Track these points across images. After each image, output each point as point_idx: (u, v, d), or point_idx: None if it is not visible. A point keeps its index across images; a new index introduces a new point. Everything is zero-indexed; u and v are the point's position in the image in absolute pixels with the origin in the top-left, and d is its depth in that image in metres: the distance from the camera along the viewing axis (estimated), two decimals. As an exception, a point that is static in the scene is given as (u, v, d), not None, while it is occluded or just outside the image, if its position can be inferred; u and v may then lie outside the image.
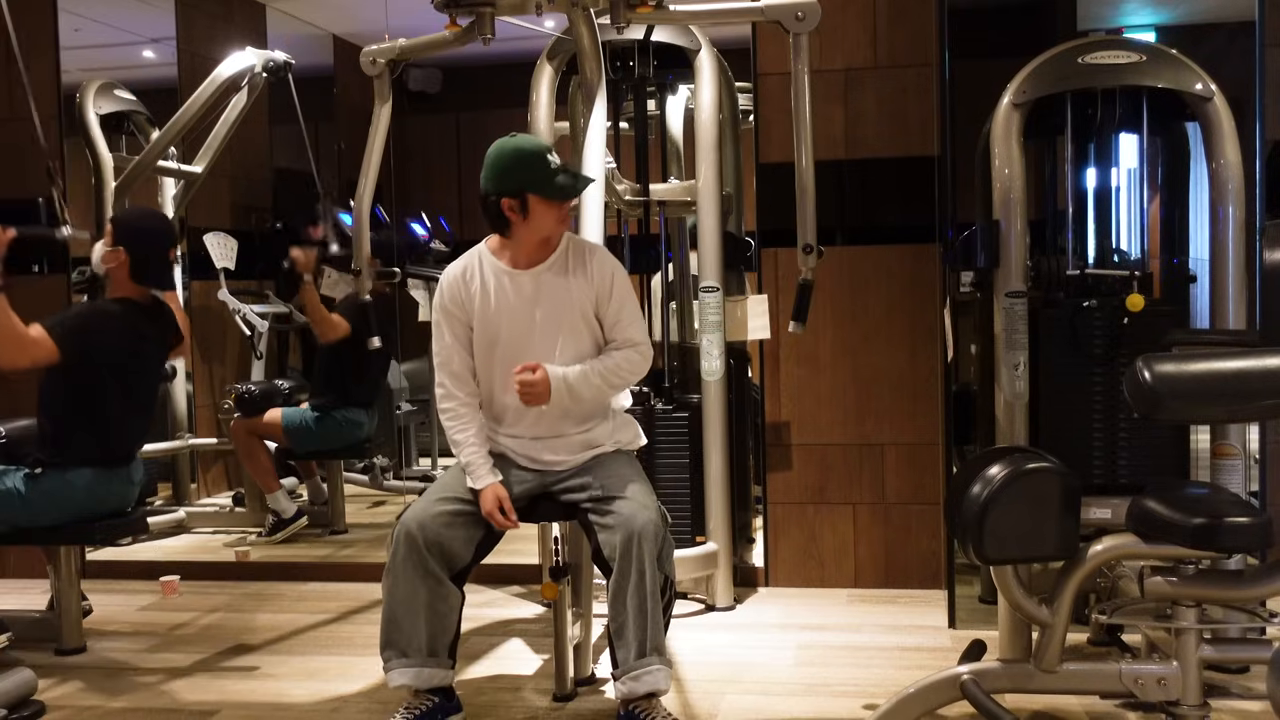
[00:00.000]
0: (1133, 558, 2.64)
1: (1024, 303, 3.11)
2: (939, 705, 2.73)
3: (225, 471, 5.73)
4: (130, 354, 3.55)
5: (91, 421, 3.49)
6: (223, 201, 5.62)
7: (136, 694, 3.34)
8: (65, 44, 4.72)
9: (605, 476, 2.93)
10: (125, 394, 3.55)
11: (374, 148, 3.87)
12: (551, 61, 3.90)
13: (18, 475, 3.46)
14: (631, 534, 2.76)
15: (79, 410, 3.49)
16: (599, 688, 3.23)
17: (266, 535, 5.03)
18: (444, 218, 6.88)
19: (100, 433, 3.51)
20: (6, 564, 4.76)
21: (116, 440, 3.56)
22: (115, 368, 3.51)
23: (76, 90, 4.97)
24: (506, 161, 2.91)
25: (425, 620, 2.85)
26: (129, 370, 3.56)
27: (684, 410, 3.98)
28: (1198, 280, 3.40)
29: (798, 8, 3.37)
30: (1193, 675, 2.57)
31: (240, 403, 4.99)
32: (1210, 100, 3.06)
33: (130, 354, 3.55)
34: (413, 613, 2.85)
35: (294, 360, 5.84)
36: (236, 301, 5.24)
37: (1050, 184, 3.55)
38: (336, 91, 5.91)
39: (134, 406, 3.62)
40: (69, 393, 3.48)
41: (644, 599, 2.75)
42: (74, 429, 3.49)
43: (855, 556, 4.18)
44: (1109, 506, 2.94)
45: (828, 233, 3.94)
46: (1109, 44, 3.16)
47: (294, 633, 3.88)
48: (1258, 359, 2.14)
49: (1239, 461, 3.06)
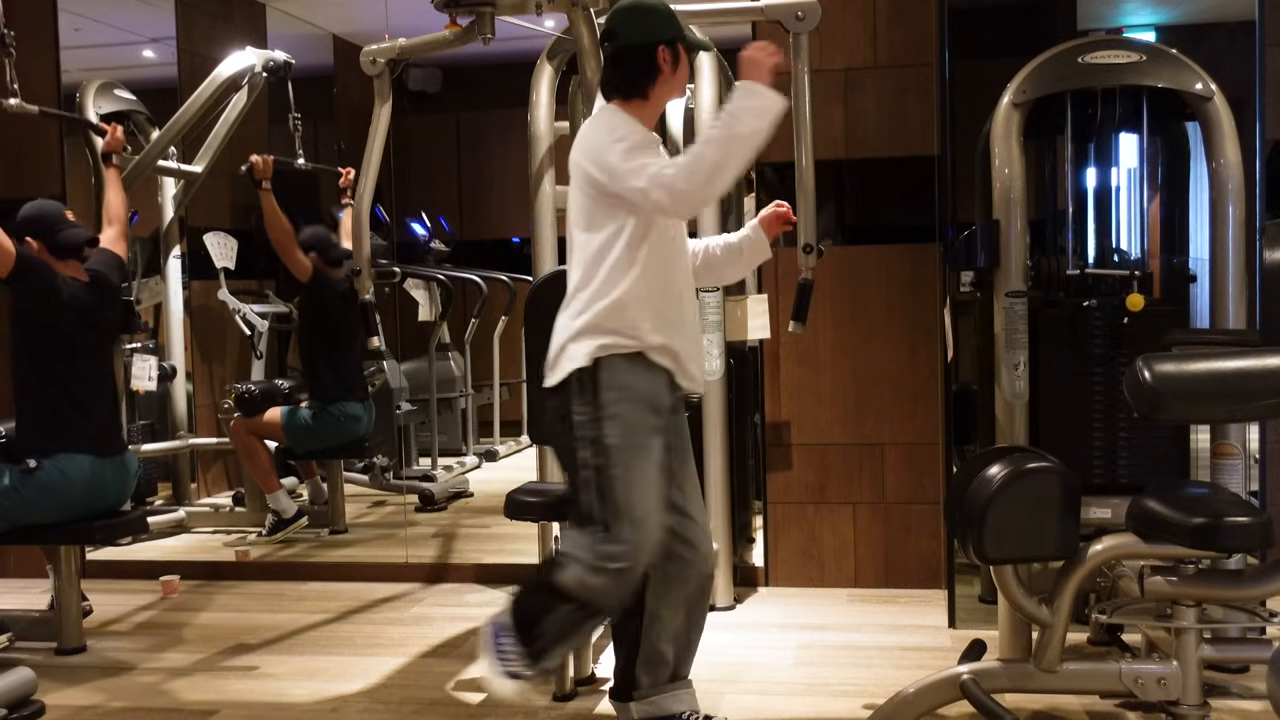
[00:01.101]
0: (1133, 557, 2.64)
1: (1024, 303, 3.11)
2: (939, 705, 2.73)
3: (225, 471, 5.73)
4: (73, 323, 3.59)
5: (59, 401, 3.55)
6: (223, 201, 5.62)
7: (136, 694, 3.34)
8: (65, 44, 4.72)
9: (683, 455, 2.76)
10: (80, 372, 3.60)
11: (374, 148, 3.88)
12: (551, 61, 3.90)
13: (13, 471, 3.49)
14: (707, 577, 2.75)
15: (46, 391, 3.55)
16: (599, 687, 3.23)
17: (266, 535, 5.03)
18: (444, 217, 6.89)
19: (70, 412, 3.55)
20: (7, 564, 4.76)
21: (95, 421, 3.60)
22: (61, 334, 3.56)
23: (76, 90, 4.97)
24: (656, 5, 2.63)
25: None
26: (79, 341, 3.60)
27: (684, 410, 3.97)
28: (1198, 280, 3.40)
29: (798, 8, 3.37)
30: (1193, 675, 2.57)
31: (240, 402, 4.99)
32: (1210, 100, 3.06)
33: (73, 323, 3.59)
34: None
35: (294, 360, 5.83)
36: (236, 301, 5.24)
37: (1050, 184, 3.55)
38: (336, 91, 5.92)
39: (93, 383, 3.65)
40: (32, 376, 3.55)
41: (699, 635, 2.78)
42: (45, 412, 3.55)
43: (855, 556, 4.18)
44: (1109, 506, 2.94)
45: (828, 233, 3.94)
46: (1109, 44, 3.16)
47: (294, 633, 3.88)
48: (1258, 359, 2.15)
49: (1239, 461, 3.06)
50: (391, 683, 3.35)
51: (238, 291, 5.30)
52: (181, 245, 5.43)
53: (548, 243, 3.84)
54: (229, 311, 5.25)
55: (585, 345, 2.54)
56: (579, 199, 2.60)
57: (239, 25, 5.65)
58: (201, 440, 5.51)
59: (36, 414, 3.58)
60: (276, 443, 5.07)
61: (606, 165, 2.51)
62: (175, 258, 5.43)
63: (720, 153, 2.45)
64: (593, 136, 2.59)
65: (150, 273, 5.42)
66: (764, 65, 2.52)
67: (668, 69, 2.62)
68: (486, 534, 5.14)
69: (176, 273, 5.44)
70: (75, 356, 3.60)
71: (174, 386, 5.40)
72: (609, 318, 2.54)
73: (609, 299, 2.54)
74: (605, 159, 2.52)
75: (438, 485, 5.57)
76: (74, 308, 3.57)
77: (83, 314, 3.60)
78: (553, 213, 3.84)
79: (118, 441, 3.71)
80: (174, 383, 5.38)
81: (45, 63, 4.64)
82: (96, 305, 3.65)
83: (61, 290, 3.55)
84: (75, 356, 3.60)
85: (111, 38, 5.54)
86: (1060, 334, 3.14)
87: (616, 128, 2.57)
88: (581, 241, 2.60)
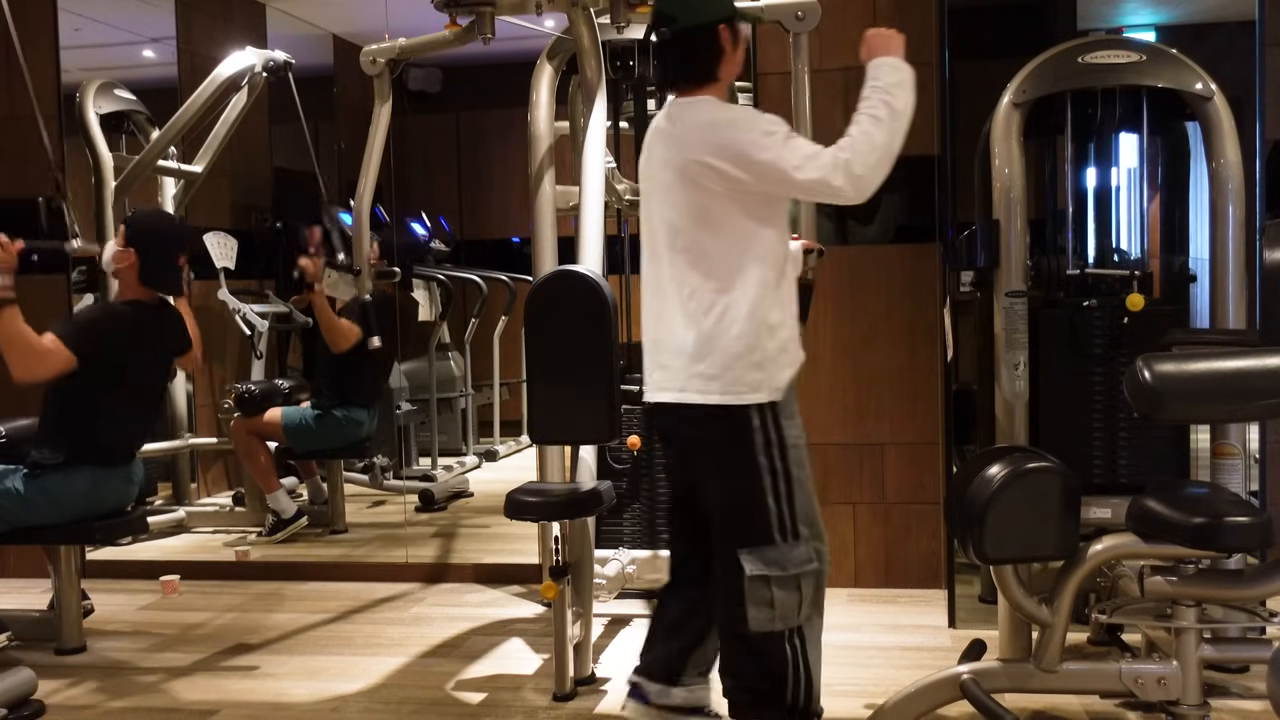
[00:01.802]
0: (1133, 557, 2.64)
1: (1024, 302, 3.11)
2: (939, 705, 2.73)
3: (225, 471, 5.73)
4: (135, 355, 3.56)
5: (93, 423, 3.50)
6: (223, 201, 5.62)
7: (136, 694, 3.34)
8: (65, 43, 4.72)
9: None
10: (128, 395, 3.56)
11: (374, 148, 3.88)
12: (551, 61, 3.90)
13: (17, 475, 3.47)
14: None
15: (82, 411, 3.49)
16: (599, 687, 3.23)
17: (266, 535, 5.03)
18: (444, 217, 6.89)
19: (101, 433, 3.51)
20: (7, 564, 4.76)
21: (117, 441, 3.56)
22: (120, 367, 3.51)
23: (76, 90, 4.97)
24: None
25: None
26: (131, 370, 3.56)
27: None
28: (1198, 280, 3.40)
29: (798, 8, 3.37)
30: (1193, 675, 2.57)
31: (240, 402, 4.99)
32: (1210, 100, 3.06)
33: (135, 355, 3.56)
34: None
35: (294, 360, 5.84)
36: (236, 301, 5.24)
37: (1050, 184, 3.55)
38: (336, 91, 5.92)
39: (136, 408, 3.62)
40: (74, 394, 3.48)
41: None
42: (75, 429, 3.49)
43: (855, 556, 4.18)
44: (1109, 506, 2.94)
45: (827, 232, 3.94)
46: (1109, 44, 3.16)
47: (294, 632, 3.88)
48: (1258, 359, 2.15)
49: (1239, 461, 3.06)
50: (391, 683, 3.36)
51: (238, 291, 5.30)
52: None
53: (548, 243, 3.83)
54: (229, 311, 5.25)
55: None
56: (695, 198, 2.45)
57: (239, 25, 5.65)
58: (201, 440, 5.51)
59: (60, 429, 3.50)
60: (276, 442, 5.07)
61: (759, 162, 2.38)
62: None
63: (887, 133, 2.40)
64: (719, 133, 2.43)
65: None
66: (896, 39, 2.51)
67: (729, 47, 2.52)
68: (486, 534, 5.15)
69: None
70: (126, 376, 3.54)
71: (174, 386, 5.40)
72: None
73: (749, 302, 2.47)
74: (757, 156, 2.39)
75: (438, 485, 5.57)
76: (135, 338, 3.52)
77: (142, 344, 3.56)
78: (553, 213, 3.83)
79: (131, 452, 3.67)
80: (174, 383, 5.38)
81: (45, 62, 4.64)
82: (159, 332, 3.61)
83: (126, 342, 3.49)
84: (126, 376, 3.54)
85: (111, 38, 5.54)
86: (1060, 334, 3.14)
87: (748, 120, 2.46)
88: (703, 241, 2.47)
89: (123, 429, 3.58)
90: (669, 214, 2.52)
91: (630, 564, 3.71)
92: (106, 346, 3.47)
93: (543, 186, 3.80)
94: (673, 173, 2.49)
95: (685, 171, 2.46)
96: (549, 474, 3.62)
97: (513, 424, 6.54)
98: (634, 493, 3.90)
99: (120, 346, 3.50)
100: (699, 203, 2.46)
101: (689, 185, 2.46)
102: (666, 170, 2.51)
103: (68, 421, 3.50)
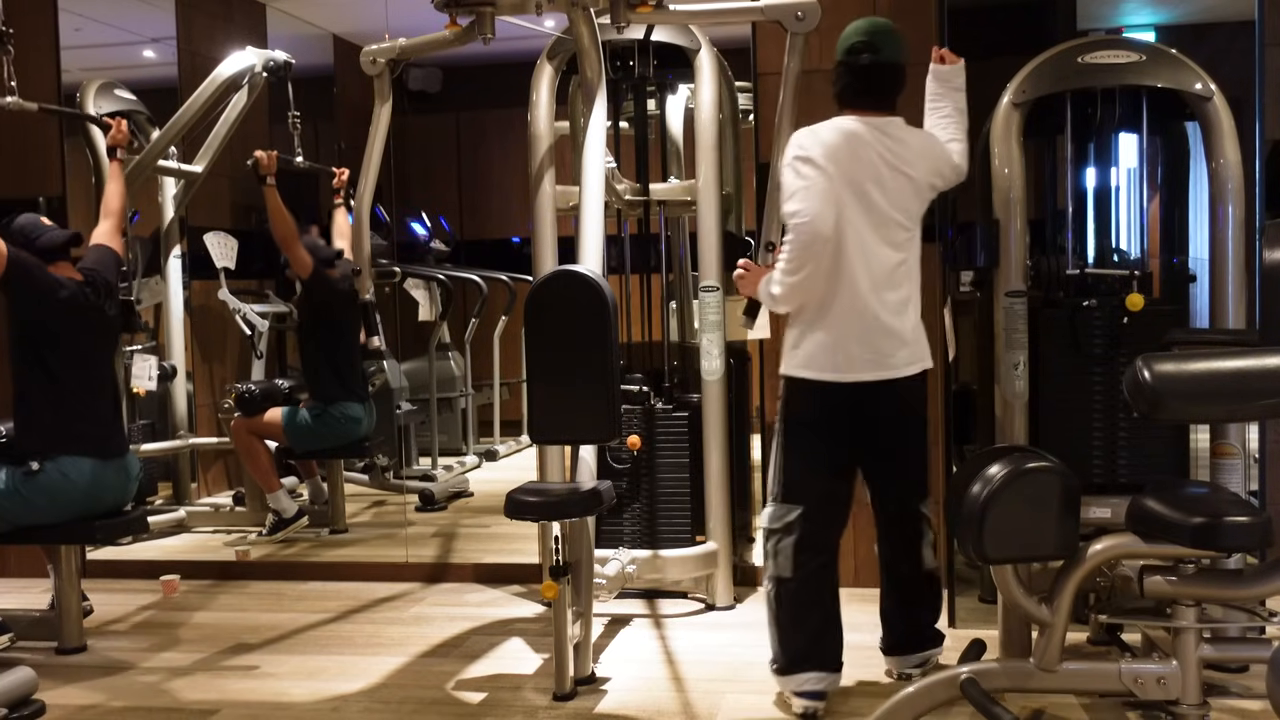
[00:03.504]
0: (1132, 557, 2.64)
1: (1024, 302, 3.11)
2: (939, 705, 2.73)
3: (225, 471, 5.73)
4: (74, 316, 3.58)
5: (57, 404, 3.55)
6: (223, 201, 5.62)
7: (136, 694, 3.34)
8: (65, 44, 4.72)
9: None
10: (76, 365, 3.59)
11: (374, 147, 3.88)
12: (551, 61, 3.91)
13: (15, 473, 3.49)
14: None
15: (43, 393, 3.55)
16: (599, 687, 3.23)
17: (267, 535, 5.03)
18: (444, 217, 6.90)
19: (70, 415, 3.55)
20: (7, 564, 4.76)
21: (88, 423, 3.60)
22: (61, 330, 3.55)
23: (76, 90, 4.98)
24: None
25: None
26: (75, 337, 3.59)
27: (684, 410, 3.98)
28: (1198, 280, 3.40)
29: (798, 8, 3.37)
30: (1192, 674, 2.57)
31: (240, 402, 4.99)
32: (1210, 100, 3.06)
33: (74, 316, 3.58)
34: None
35: (294, 360, 5.84)
36: (236, 301, 5.24)
37: (1050, 184, 3.55)
38: (336, 91, 5.92)
39: (94, 384, 3.65)
40: (31, 379, 3.55)
41: None
42: (42, 415, 3.55)
43: (855, 556, 4.18)
44: (1109, 506, 2.94)
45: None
46: (1109, 44, 3.16)
47: (294, 632, 3.88)
48: (1258, 359, 2.15)
49: (1239, 461, 3.07)
50: (391, 682, 3.36)
51: (238, 291, 5.31)
52: (182, 245, 5.43)
53: (548, 243, 3.84)
54: (229, 311, 5.25)
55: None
56: (913, 205, 2.95)
57: (239, 25, 5.65)
58: (202, 440, 5.51)
59: (37, 416, 3.57)
60: (276, 442, 5.07)
61: (955, 169, 3.02)
62: (175, 257, 5.43)
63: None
64: (931, 150, 2.99)
65: (150, 273, 5.42)
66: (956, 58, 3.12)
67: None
68: (486, 534, 5.15)
69: (177, 273, 5.44)
70: (75, 357, 3.59)
71: (174, 386, 5.40)
72: None
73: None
74: (954, 163, 3.02)
75: (438, 485, 5.57)
76: (71, 306, 3.57)
77: (80, 313, 3.60)
78: (553, 213, 3.84)
79: (120, 443, 3.71)
80: (174, 382, 5.39)
81: (45, 63, 4.64)
82: (94, 303, 3.64)
83: (57, 289, 3.54)
84: (75, 357, 3.59)
85: (112, 38, 5.54)
86: (1060, 334, 3.15)
87: (938, 137, 3.05)
88: (909, 240, 2.96)
89: (92, 409, 3.61)
90: (894, 215, 2.93)
91: (630, 564, 3.71)
92: (41, 284, 3.51)
93: (543, 186, 3.81)
94: (910, 182, 2.94)
95: (915, 182, 2.95)
96: (549, 474, 3.62)
97: (513, 424, 6.54)
98: (634, 493, 3.90)
99: (54, 302, 3.53)
100: (912, 209, 2.97)
101: (910, 195, 2.94)
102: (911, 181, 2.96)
103: (36, 408, 3.56)
